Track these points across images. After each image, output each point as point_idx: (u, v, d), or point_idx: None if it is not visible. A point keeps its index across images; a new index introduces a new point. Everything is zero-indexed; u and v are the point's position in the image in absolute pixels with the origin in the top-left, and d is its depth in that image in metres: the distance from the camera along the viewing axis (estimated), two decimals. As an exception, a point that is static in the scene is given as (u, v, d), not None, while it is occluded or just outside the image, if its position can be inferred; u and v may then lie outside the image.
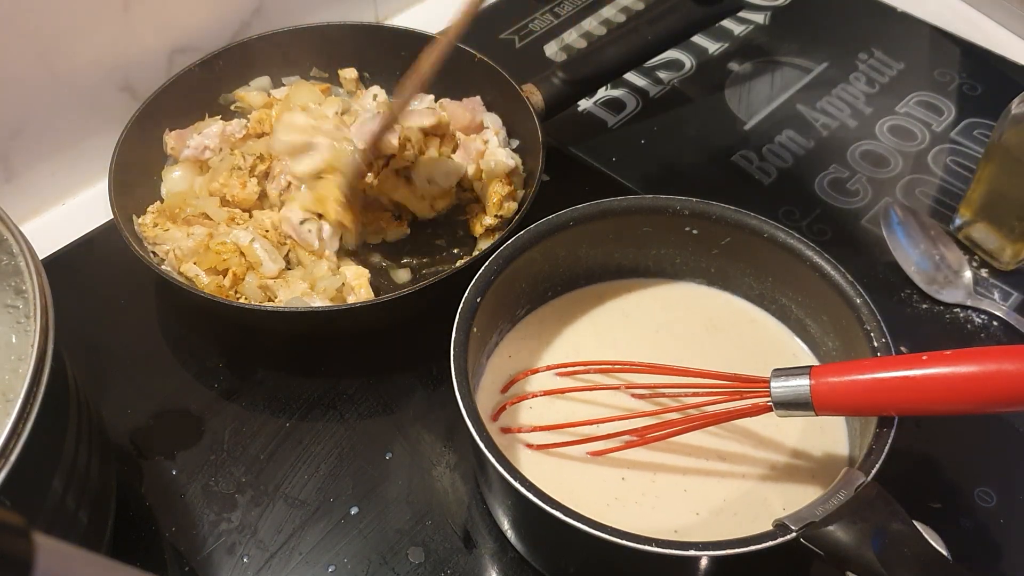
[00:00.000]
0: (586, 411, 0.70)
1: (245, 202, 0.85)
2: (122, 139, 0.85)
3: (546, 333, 0.75)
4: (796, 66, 1.09)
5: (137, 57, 0.93)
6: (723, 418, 0.63)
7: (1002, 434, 0.76)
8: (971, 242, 0.88)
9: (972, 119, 1.02)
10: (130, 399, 0.78)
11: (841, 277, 0.67)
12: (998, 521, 0.70)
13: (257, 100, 0.95)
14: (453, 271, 0.75)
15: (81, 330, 0.80)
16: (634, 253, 0.76)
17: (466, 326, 0.65)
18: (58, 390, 0.55)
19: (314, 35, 0.97)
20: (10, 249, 0.57)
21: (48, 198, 0.95)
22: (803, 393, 0.58)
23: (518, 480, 0.57)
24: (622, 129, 1.03)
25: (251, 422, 0.77)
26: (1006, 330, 0.82)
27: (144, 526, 0.71)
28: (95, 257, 0.90)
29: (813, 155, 0.99)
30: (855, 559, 0.53)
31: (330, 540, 0.70)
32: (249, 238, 0.81)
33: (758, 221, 0.71)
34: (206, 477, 0.74)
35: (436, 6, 1.17)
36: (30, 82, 0.87)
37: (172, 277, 0.78)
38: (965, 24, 1.13)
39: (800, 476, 0.66)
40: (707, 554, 0.55)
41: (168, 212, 0.84)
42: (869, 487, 0.55)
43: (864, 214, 0.93)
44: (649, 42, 0.97)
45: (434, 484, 0.73)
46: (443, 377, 0.79)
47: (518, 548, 0.68)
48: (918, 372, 0.56)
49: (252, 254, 0.80)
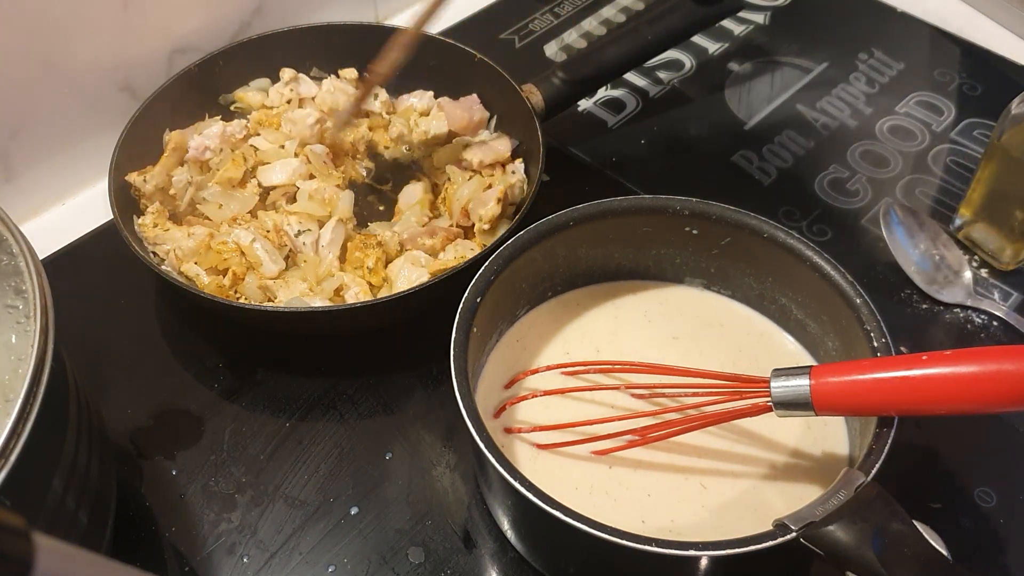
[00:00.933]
0: (586, 411, 0.70)
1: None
2: (122, 139, 0.85)
3: (546, 333, 0.75)
4: (796, 66, 1.09)
5: (137, 57, 0.93)
6: (723, 418, 0.63)
7: (1002, 434, 0.76)
8: (971, 242, 0.88)
9: (972, 119, 1.02)
10: (130, 399, 0.78)
11: (841, 277, 0.67)
12: (998, 521, 0.70)
13: (256, 100, 0.95)
14: (453, 271, 0.75)
15: (81, 330, 0.80)
16: (634, 253, 0.76)
17: (466, 326, 0.65)
18: (58, 390, 0.55)
19: (314, 35, 0.97)
20: (10, 249, 0.57)
21: (48, 198, 0.95)
22: (803, 393, 0.58)
23: (518, 480, 0.57)
24: (622, 129, 1.03)
25: (251, 422, 0.77)
26: (1006, 330, 0.82)
27: (144, 526, 0.71)
28: (95, 257, 0.89)
29: (813, 155, 0.99)
30: (855, 559, 0.53)
31: (330, 540, 0.70)
32: (250, 238, 0.81)
33: (758, 221, 0.71)
34: (206, 477, 0.74)
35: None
36: (30, 82, 0.87)
37: (172, 277, 0.78)
38: (965, 24, 1.14)
39: (800, 476, 0.66)
40: (707, 554, 0.55)
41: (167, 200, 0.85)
42: (869, 487, 0.55)
43: (864, 214, 0.93)
44: (649, 42, 0.97)
45: (434, 484, 0.73)
46: (443, 377, 0.79)
47: (518, 548, 0.68)
48: (918, 372, 0.56)
49: (252, 254, 0.80)
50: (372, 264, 0.80)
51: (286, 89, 0.95)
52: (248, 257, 0.80)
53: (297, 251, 0.83)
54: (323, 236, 0.83)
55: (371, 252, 0.81)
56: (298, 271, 0.82)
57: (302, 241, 0.82)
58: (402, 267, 0.81)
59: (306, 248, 0.82)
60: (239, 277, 0.80)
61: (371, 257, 0.81)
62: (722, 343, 0.74)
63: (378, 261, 0.81)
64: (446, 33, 1.08)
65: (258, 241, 0.81)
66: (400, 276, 0.80)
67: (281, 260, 0.81)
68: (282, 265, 0.81)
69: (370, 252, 0.81)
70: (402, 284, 0.79)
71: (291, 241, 0.82)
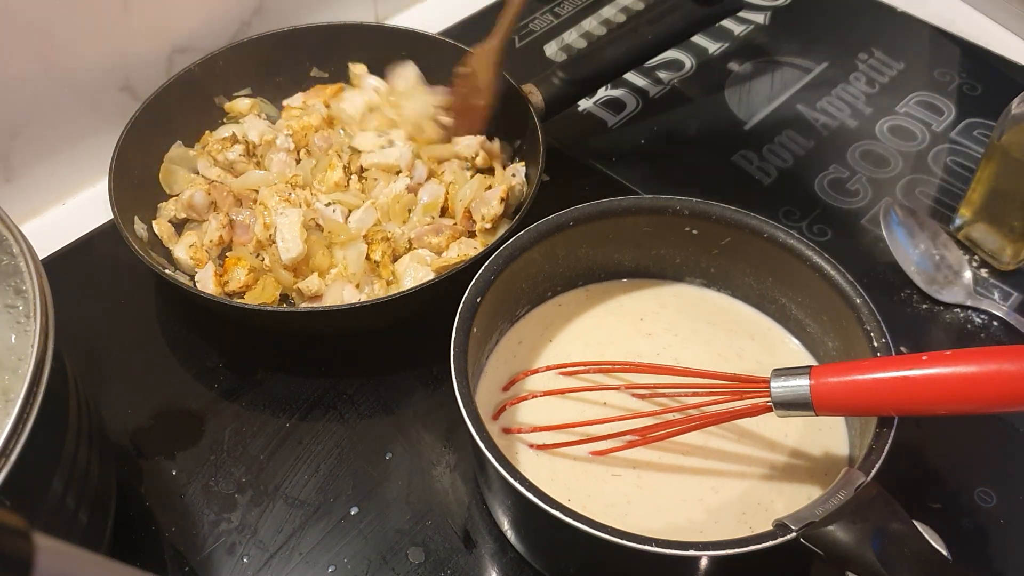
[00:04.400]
0: (586, 411, 0.70)
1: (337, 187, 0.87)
2: (122, 139, 0.85)
3: (546, 333, 0.75)
4: (796, 66, 1.09)
5: (137, 57, 0.93)
6: (723, 418, 0.63)
7: (1002, 434, 0.76)
8: (971, 242, 0.88)
9: (972, 119, 1.02)
10: (130, 399, 0.78)
11: (841, 277, 0.67)
12: (998, 521, 0.70)
13: (245, 108, 0.95)
14: (453, 271, 0.75)
15: (81, 330, 0.80)
16: (634, 253, 0.76)
17: (466, 326, 0.65)
18: (58, 390, 0.55)
19: (314, 35, 0.97)
20: (10, 249, 0.57)
21: (48, 198, 0.95)
22: (803, 393, 0.58)
23: (518, 480, 0.57)
24: (622, 129, 1.03)
25: (251, 422, 0.77)
26: (1006, 330, 0.82)
27: (144, 526, 0.71)
28: (95, 257, 0.90)
29: (813, 155, 0.99)
30: (855, 559, 0.53)
31: (330, 540, 0.70)
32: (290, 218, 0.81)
33: (758, 221, 0.71)
34: (206, 477, 0.74)
35: (436, 6, 1.17)
36: (30, 82, 0.87)
37: (172, 277, 0.78)
38: (965, 24, 1.13)
39: (800, 476, 0.66)
40: (707, 554, 0.55)
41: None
42: (869, 487, 0.55)
43: (864, 214, 0.93)
44: (649, 42, 0.97)
45: (434, 484, 0.73)
46: (443, 377, 0.79)
47: (518, 548, 0.68)
48: (918, 372, 0.56)
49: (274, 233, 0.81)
50: (379, 258, 0.81)
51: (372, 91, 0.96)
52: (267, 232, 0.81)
53: (324, 222, 0.83)
54: (355, 215, 0.83)
55: (378, 246, 0.81)
56: (321, 238, 0.82)
57: (331, 209, 0.83)
58: (408, 265, 0.81)
59: (335, 215, 0.83)
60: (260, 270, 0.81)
61: (378, 250, 0.81)
62: (722, 343, 0.74)
63: (385, 255, 0.81)
64: (446, 33, 1.08)
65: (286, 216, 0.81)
66: (406, 275, 0.80)
67: (301, 245, 0.80)
68: (301, 249, 0.80)
69: (376, 246, 0.81)
70: (408, 283, 0.80)
71: (320, 212, 0.83)
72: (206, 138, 0.91)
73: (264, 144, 0.90)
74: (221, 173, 0.88)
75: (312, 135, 0.91)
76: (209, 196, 0.85)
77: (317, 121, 0.92)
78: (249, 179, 0.87)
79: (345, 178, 0.87)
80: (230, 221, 0.84)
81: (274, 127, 0.93)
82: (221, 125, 0.94)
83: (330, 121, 0.93)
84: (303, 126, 0.91)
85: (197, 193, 0.84)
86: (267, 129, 0.92)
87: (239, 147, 0.88)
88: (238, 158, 0.88)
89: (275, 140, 0.90)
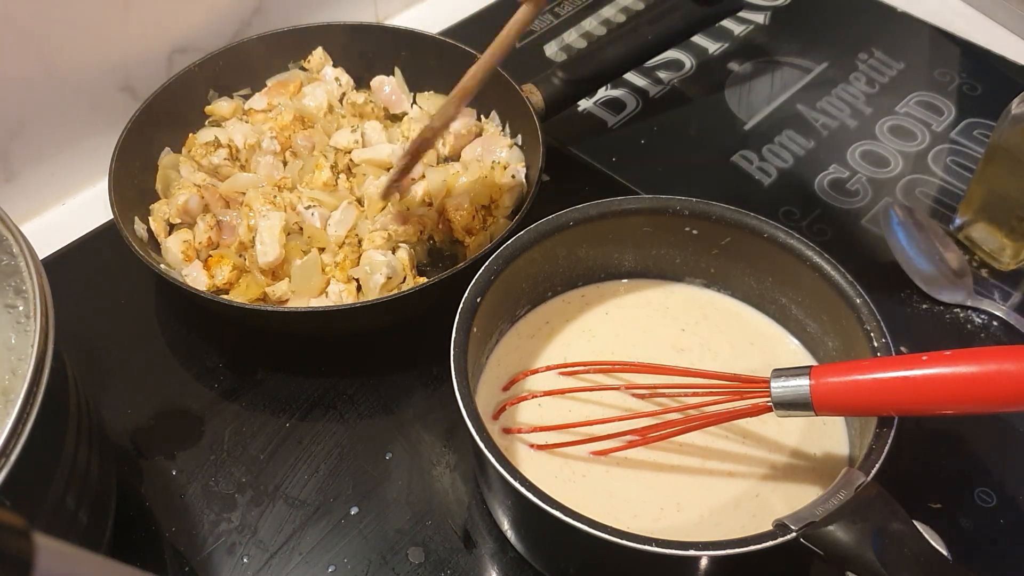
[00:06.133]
0: (586, 411, 0.70)
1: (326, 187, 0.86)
2: (122, 139, 0.85)
3: (546, 333, 0.75)
4: (796, 66, 1.09)
5: (137, 57, 0.93)
6: (723, 418, 0.63)
7: (1002, 434, 0.76)
8: (971, 242, 0.88)
9: (972, 119, 1.02)
10: (130, 399, 0.78)
11: (841, 277, 0.67)
12: (998, 521, 0.70)
13: (227, 110, 0.94)
14: (453, 271, 0.75)
15: (81, 330, 0.80)
16: (634, 253, 0.76)
17: (466, 326, 0.65)
18: (58, 390, 0.55)
19: (314, 35, 0.97)
20: (10, 249, 0.57)
21: (48, 198, 0.95)
22: (803, 393, 0.58)
23: (518, 480, 0.57)
24: (622, 129, 1.03)
25: (251, 422, 0.77)
26: (1006, 330, 0.82)
27: (144, 526, 0.71)
28: (95, 257, 0.90)
29: (813, 155, 0.99)
30: (855, 559, 0.53)
31: (330, 540, 0.70)
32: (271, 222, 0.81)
33: (758, 221, 0.71)
34: (206, 477, 0.74)
35: (436, 6, 1.17)
36: (30, 82, 0.87)
37: (172, 277, 0.78)
38: (965, 24, 1.13)
39: (800, 476, 0.66)
40: (707, 554, 0.55)
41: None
42: (869, 487, 0.55)
43: (864, 214, 0.93)
44: (649, 42, 0.97)
45: (434, 484, 0.73)
46: (443, 377, 0.79)
47: (518, 548, 0.68)
48: (918, 372, 0.56)
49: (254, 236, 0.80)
50: (339, 260, 0.80)
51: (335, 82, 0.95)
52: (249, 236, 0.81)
53: (305, 224, 0.82)
54: (333, 216, 0.83)
55: (342, 250, 0.81)
56: (300, 241, 0.81)
57: (311, 212, 0.82)
58: (369, 260, 0.80)
59: (313, 219, 0.82)
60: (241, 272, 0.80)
61: (340, 254, 0.81)
62: (722, 343, 0.74)
63: (346, 259, 0.80)
64: (446, 33, 1.08)
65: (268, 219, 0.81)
66: (372, 269, 0.79)
67: (279, 248, 0.80)
68: (279, 252, 0.80)
69: (342, 250, 0.81)
70: (378, 278, 0.78)
71: (300, 214, 0.82)
72: (191, 142, 0.91)
73: (248, 148, 0.89)
74: (206, 178, 0.87)
75: (294, 136, 0.90)
76: (203, 200, 0.85)
77: (290, 120, 0.90)
78: (237, 182, 0.86)
79: (333, 177, 0.86)
80: (217, 222, 0.84)
81: (255, 130, 0.91)
82: (203, 128, 0.93)
83: (302, 120, 0.92)
84: (281, 126, 0.90)
85: (192, 198, 0.84)
86: (251, 132, 0.90)
87: (223, 151, 0.87)
88: (223, 162, 0.87)
89: (260, 143, 0.89)
